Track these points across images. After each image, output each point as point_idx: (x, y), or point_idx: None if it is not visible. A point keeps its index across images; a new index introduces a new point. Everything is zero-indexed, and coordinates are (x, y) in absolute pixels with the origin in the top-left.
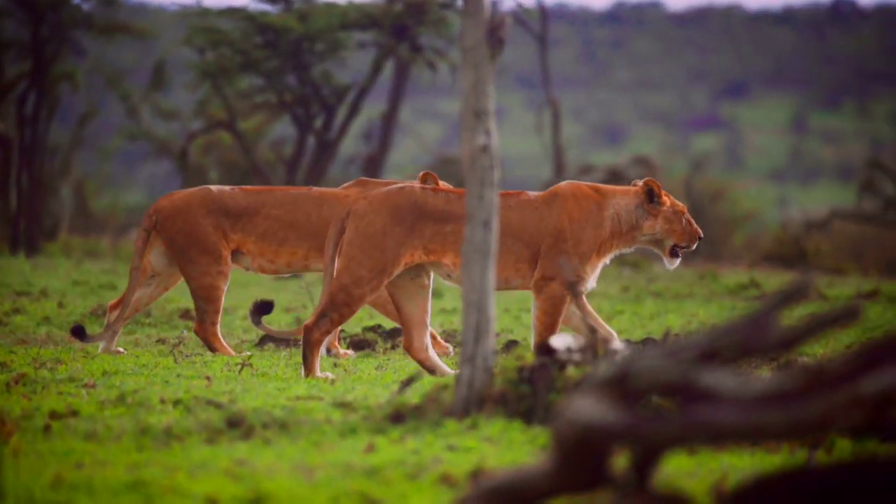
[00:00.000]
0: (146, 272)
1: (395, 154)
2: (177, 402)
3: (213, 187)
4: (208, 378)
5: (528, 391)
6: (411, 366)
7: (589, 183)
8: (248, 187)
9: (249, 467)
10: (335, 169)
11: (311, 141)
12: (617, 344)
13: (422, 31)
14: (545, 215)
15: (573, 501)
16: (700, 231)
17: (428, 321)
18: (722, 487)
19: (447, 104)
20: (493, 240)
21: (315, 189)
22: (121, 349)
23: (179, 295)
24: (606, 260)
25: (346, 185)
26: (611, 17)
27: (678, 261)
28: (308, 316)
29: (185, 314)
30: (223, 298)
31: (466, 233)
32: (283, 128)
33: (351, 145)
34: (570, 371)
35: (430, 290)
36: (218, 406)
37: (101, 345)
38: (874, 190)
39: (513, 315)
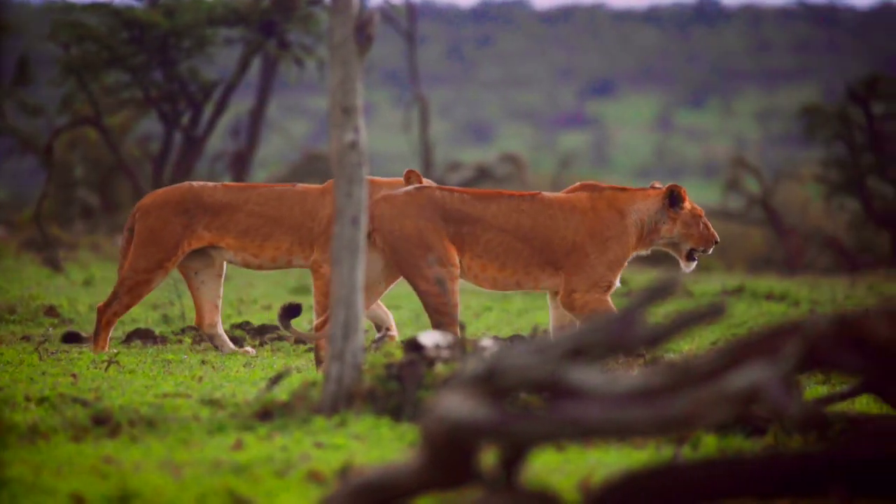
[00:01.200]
0: (189, 275)
1: (262, 150)
2: (42, 400)
3: (195, 184)
4: (74, 375)
5: (397, 388)
6: (279, 363)
7: (608, 185)
8: (231, 184)
9: (116, 465)
10: (202, 165)
11: (177, 137)
12: (487, 341)
13: (289, 28)
14: (562, 218)
15: (441, 498)
16: (717, 235)
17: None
18: (589, 483)
19: (315, 101)
20: (361, 236)
21: (299, 185)
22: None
23: (44, 292)
24: (625, 263)
25: (328, 182)
26: (478, 14)
27: (694, 264)
28: (175, 313)
29: (49, 311)
30: (145, 296)
31: (335, 229)
32: (150, 124)
33: (218, 142)
34: (439, 368)
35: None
36: (84, 403)
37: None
38: (739, 188)
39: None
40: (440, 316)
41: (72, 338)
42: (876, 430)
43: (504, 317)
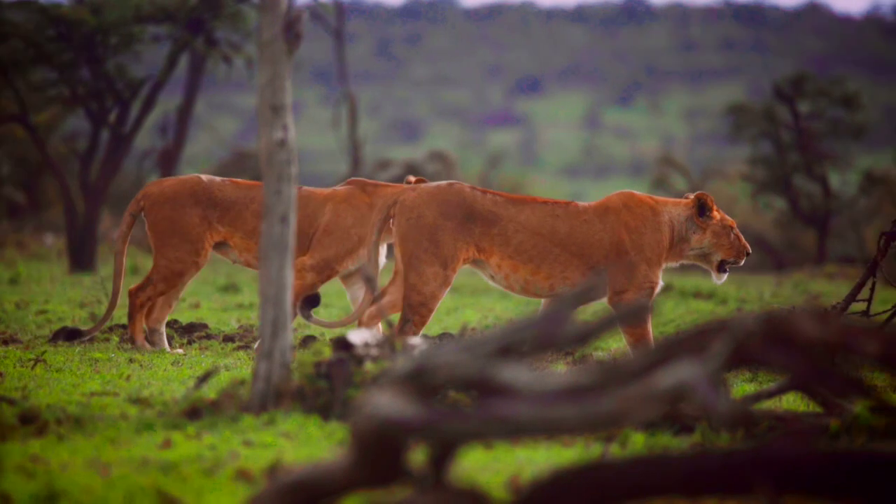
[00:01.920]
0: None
1: (190, 148)
2: None
3: (204, 177)
4: (1, 374)
5: (326, 386)
6: (207, 361)
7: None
8: (239, 180)
9: (43, 464)
10: (130, 163)
11: (105, 135)
12: (415, 339)
13: (217, 25)
14: (596, 228)
15: (370, 496)
16: (748, 246)
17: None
18: (518, 481)
19: (243, 98)
20: (290, 235)
21: (304, 188)
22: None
23: None
24: (662, 264)
25: (339, 185)
26: (406, 12)
27: (726, 276)
28: (102, 311)
29: None
30: (181, 286)
31: (263, 227)
32: (77, 121)
33: (146, 139)
34: (368, 366)
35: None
36: (10, 402)
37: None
38: (666, 186)
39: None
40: (413, 313)
41: (72, 334)
42: (802, 427)
43: (433, 315)
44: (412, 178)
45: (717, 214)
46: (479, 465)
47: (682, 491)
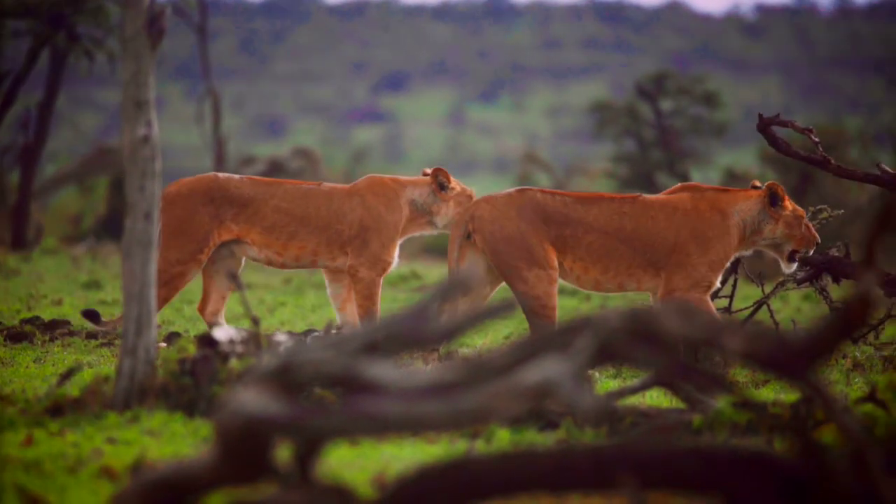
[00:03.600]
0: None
1: (52, 144)
2: None
3: (221, 175)
4: None
5: (191, 383)
6: (70, 358)
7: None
8: (257, 178)
9: None
10: None
11: None
12: (281, 336)
13: (79, 20)
14: (658, 222)
15: (235, 493)
16: (818, 237)
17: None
18: (384, 478)
19: (105, 94)
20: (154, 231)
21: (325, 184)
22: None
23: None
24: (727, 264)
25: (358, 181)
26: (269, 8)
27: (795, 266)
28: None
29: None
30: (183, 287)
31: (127, 224)
32: None
33: (7, 135)
34: (233, 363)
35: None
36: None
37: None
38: (530, 183)
39: (174, 307)
40: (538, 318)
41: (92, 315)
42: (666, 423)
43: (298, 312)
44: (427, 171)
45: (788, 205)
46: (344, 461)
47: (548, 487)
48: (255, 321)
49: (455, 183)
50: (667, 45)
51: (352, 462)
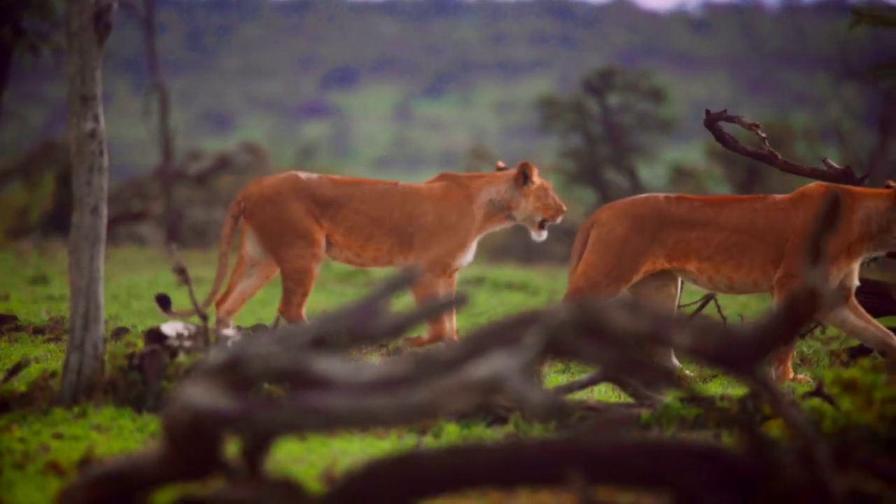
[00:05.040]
0: (244, 263)
1: None
2: None
3: (302, 174)
4: None
5: (139, 378)
6: (17, 353)
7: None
8: (337, 177)
9: None
10: None
11: None
12: (229, 331)
13: (25, 14)
14: (791, 216)
15: (184, 489)
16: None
17: None
18: (332, 473)
19: (52, 88)
20: (102, 226)
21: (401, 184)
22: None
23: None
24: (856, 262)
25: (429, 179)
26: (216, 3)
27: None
28: None
29: None
30: (313, 282)
31: (74, 219)
32: None
33: None
34: (182, 358)
35: (678, 299)
36: None
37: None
38: None
39: (121, 303)
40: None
41: (163, 301)
42: (614, 417)
43: (246, 306)
44: (501, 164)
45: (536, 180)
46: (293, 456)
47: (497, 481)
48: (204, 317)
49: (536, 177)
50: (614, 41)
51: (300, 457)
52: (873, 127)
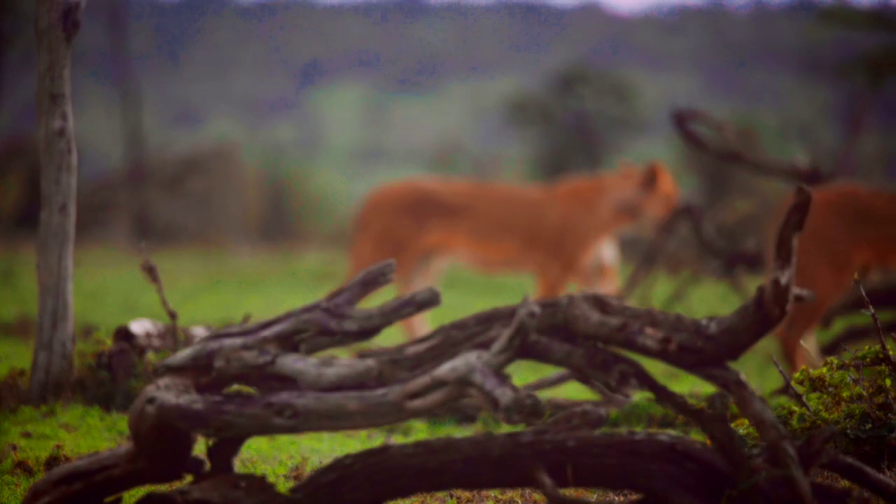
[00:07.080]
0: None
1: None
2: None
3: (420, 180)
4: None
5: (107, 377)
6: None
7: None
8: (457, 183)
9: None
10: None
11: None
12: (199, 329)
13: None
14: None
15: (152, 488)
16: None
17: None
18: (301, 471)
19: (19, 86)
20: (70, 224)
21: (523, 189)
22: None
23: None
24: None
25: (558, 186)
26: (187, 5)
27: None
28: None
29: None
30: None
31: (43, 217)
32: None
33: None
34: (150, 356)
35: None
36: None
37: None
38: (449, 174)
39: (96, 300)
40: (801, 317)
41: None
42: (583, 416)
43: (217, 304)
44: (626, 160)
45: None
46: (262, 455)
47: (465, 477)
48: (173, 315)
49: (664, 180)
50: (582, 40)
51: (269, 456)
52: (843, 125)
